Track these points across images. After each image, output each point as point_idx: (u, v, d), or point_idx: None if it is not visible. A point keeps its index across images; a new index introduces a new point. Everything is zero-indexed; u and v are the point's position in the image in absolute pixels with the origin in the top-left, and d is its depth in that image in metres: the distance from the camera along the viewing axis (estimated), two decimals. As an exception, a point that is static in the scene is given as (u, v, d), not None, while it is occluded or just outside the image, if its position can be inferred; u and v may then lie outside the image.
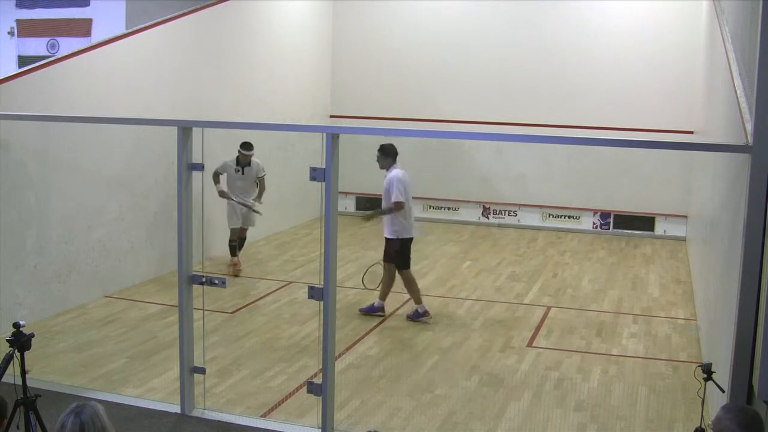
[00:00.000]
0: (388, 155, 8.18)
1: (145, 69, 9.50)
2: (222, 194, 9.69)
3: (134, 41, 9.34)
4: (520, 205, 13.52)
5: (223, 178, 9.76)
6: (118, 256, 9.07)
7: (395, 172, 8.10)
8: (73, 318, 8.10)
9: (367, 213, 9.00)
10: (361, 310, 8.41)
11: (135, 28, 9.56)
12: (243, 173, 9.82)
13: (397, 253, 8.19)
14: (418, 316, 8.22)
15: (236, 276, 9.75)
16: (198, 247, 5.94)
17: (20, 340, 4.45)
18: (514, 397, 6.31)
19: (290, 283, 9.62)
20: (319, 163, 5.31)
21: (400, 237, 8.17)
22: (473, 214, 13.76)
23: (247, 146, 9.73)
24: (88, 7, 13.76)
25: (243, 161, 9.76)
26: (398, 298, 9.05)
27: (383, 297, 8.39)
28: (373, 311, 8.35)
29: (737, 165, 4.99)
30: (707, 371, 4.52)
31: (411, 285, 8.32)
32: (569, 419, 5.92)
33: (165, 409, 5.98)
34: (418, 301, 8.29)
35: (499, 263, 10.98)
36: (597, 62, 12.96)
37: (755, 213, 4.37)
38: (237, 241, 10.06)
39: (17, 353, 4.45)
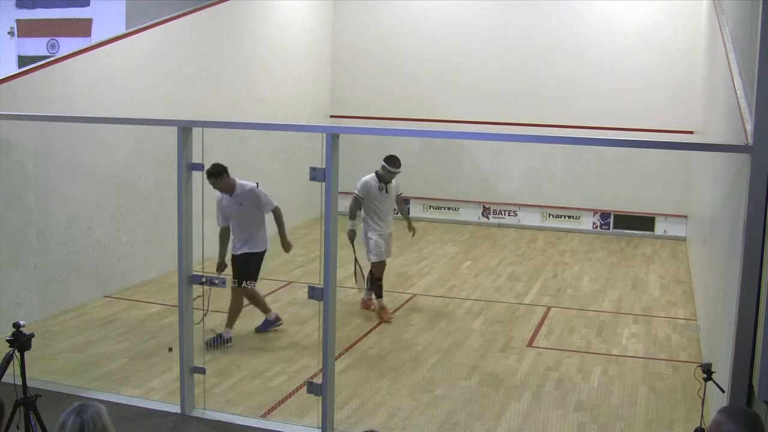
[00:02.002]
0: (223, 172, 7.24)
1: (145, 69, 9.49)
2: (351, 236, 8.34)
3: (134, 41, 9.34)
4: (520, 205, 13.52)
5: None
6: (118, 256, 9.07)
7: (246, 183, 7.45)
8: (73, 318, 8.10)
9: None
10: (206, 342, 7.00)
11: (135, 28, 9.56)
12: (387, 191, 8.32)
13: (258, 269, 7.56)
14: (270, 325, 7.77)
15: (388, 322, 8.15)
16: (198, 247, 5.93)
17: (20, 340, 4.46)
18: (514, 397, 6.31)
19: (290, 283, 9.60)
20: (319, 163, 5.32)
21: (264, 249, 7.63)
22: (473, 214, 13.75)
23: (395, 162, 8.22)
24: (88, 7, 13.73)
25: (387, 178, 8.25)
26: (398, 297, 9.06)
27: (231, 324, 7.47)
28: (218, 342, 7.28)
29: (737, 165, 4.99)
30: (707, 371, 4.52)
31: (258, 299, 7.72)
32: (569, 419, 5.92)
33: (165, 409, 5.98)
34: (267, 311, 7.77)
35: (499, 263, 10.98)
36: (597, 62, 12.96)
37: (755, 213, 4.37)
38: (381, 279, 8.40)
39: (17, 353, 4.45)
